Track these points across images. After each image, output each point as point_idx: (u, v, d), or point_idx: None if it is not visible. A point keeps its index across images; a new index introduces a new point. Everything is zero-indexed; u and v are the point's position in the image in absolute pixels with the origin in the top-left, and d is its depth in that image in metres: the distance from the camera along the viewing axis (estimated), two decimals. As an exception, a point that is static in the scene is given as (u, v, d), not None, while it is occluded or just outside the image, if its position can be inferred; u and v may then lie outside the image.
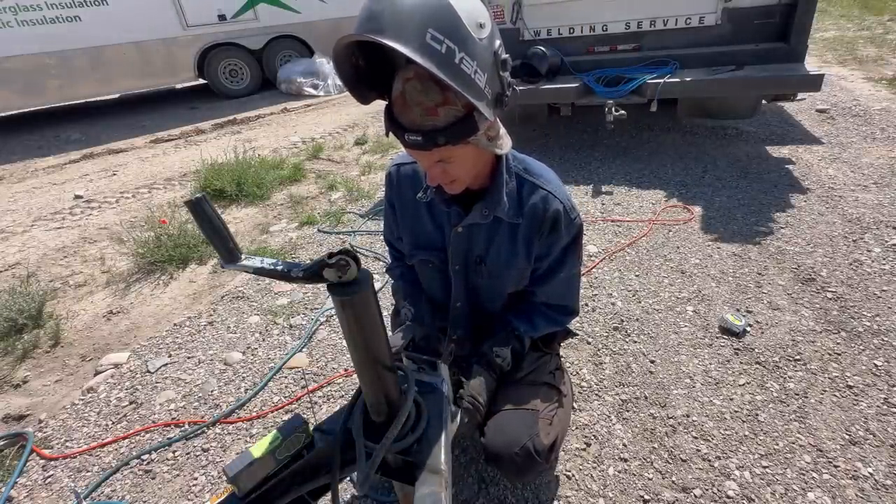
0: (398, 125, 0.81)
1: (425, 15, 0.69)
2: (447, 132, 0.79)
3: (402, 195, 1.17)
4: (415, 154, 0.89)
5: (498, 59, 0.78)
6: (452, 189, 0.99)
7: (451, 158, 0.88)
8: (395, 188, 1.19)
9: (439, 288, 1.24)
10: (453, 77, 0.71)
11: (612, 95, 3.32)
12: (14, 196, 4.30)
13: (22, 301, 2.37)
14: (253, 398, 1.85)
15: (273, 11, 7.44)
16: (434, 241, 1.17)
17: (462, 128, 0.80)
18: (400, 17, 0.68)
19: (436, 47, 0.69)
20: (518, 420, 1.12)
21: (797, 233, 2.57)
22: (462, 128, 0.80)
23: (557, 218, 1.06)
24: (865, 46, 6.56)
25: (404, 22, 0.68)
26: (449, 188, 0.99)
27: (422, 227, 1.17)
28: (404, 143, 0.82)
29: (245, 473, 0.76)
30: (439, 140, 0.80)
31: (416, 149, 0.83)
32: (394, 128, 0.82)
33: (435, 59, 0.69)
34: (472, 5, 0.74)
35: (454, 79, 0.71)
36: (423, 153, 0.85)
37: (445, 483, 0.77)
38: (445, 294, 1.23)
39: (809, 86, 3.05)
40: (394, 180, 1.18)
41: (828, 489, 1.35)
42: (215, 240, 0.70)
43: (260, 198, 3.69)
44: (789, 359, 1.80)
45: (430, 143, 0.80)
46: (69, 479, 1.59)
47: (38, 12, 5.83)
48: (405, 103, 0.79)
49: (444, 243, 1.15)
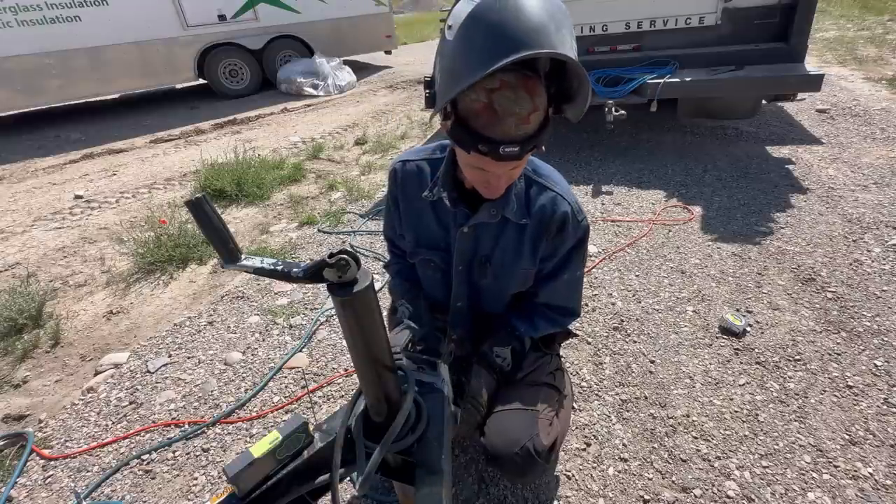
0: (487, 140, 0.77)
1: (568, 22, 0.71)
2: (538, 138, 0.78)
3: (407, 192, 1.16)
4: (496, 165, 0.83)
5: None
6: (498, 193, 0.97)
7: (521, 163, 0.87)
8: (399, 185, 1.17)
9: (440, 287, 1.24)
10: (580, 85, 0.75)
11: (612, 95, 3.32)
12: (14, 196, 4.30)
13: (22, 301, 2.37)
14: (253, 398, 1.85)
15: (273, 11, 7.44)
16: (438, 240, 1.16)
17: (546, 129, 0.80)
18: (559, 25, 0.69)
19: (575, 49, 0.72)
20: (518, 420, 1.12)
21: (797, 233, 2.57)
22: (546, 129, 0.80)
23: (565, 220, 1.06)
24: (865, 46, 6.56)
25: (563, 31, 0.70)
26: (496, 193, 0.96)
27: (426, 225, 1.16)
28: (497, 156, 0.78)
29: (245, 473, 0.76)
30: (535, 146, 0.79)
31: (511, 160, 0.79)
32: (481, 142, 0.77)
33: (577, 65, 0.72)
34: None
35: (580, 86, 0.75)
36: (511, 163, 0.83)
37: (445, 483, 0.77)
38: (446, 294, 1.23)
39: (809, 86, 3.05)
40: (398, 177, 1.16)
41: (828, 489, 1.35)
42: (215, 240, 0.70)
43: (260, 198, 3.69)
44: (789, 359, 1.80)
45: (524, 152, 0.78)
46: (69, 479, 1.59)
47: (38, 12, 5.82)
48: (495, 116, 0.75)
49: (448, 243, 1.14)
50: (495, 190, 0.94)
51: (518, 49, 0.66)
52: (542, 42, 0.67)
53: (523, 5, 0.68)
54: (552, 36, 0.68)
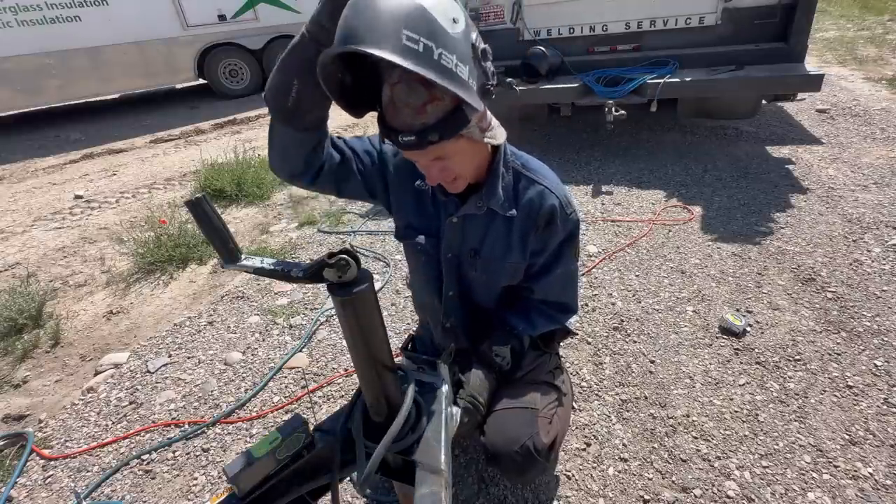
0: (391, 130, 0.82)
1: (398, 19, 0.70)
2: (438, 128, 0.80)
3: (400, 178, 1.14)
4: (411, 155, 0.90)
5: (477, 50, 0.79)
6: (455, 187, 0.99)
7: (447, 155, 0.89)
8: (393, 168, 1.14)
9: (430, 276, 1.23)
10: (435, 72, 0.72)
11: (612, 95, 3.32)
12: (14, 196, 4.30)
13: (22, 301, 2.37)
14: (253, 398, 1.85)
15: (273, 11, 7.44)
16: (430, 226, 1.16)
17: (453, 122, 0.81)
18: (374, 24, 0.70)
19: (413, 47, 0.70)
20: (518, 419, 1.12)
21: (797, 233, 2.57)
22: (453, 122, 0.81)
23: (553, 213, 1.06)
24: (865, 46, 6.56)
25: (379, 28, 0.69)
26: (451, 187, 0.99)
27: (422, 209, 1.16)
28: (399, 145, 0.82)
29: (245, 473, 0.76)
30: (432, 137, 0.80)
31: (411, 149, 0.83)
32: (388, 133, 0.83)
33: (414, 59, 0.70)
34: (444, 3, 0.75)
35: (437, 74, 0.72)
36: (419, 153, 0.85)
37: (445, 483, 0.77)
38: (436, 283, 1.23)
39: (809, 86, 3.05)
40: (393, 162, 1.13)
41: (828, 489, 1.35)
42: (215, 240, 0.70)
43: (260, 198, 3.69)
44: (789, 359, 1.80)
45: (423, 142, 0.80)
46: (69, 479, 1.59)
47: (38, 12, 5.82)
48: (394, 107, 0.80)
49: (439, 229, 1.15)
50: (439, 180, 0.95)
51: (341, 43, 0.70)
52: (348, 40, 0.69)
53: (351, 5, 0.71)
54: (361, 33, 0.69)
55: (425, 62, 0.71)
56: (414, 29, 0.70)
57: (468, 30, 0.77)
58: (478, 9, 3.65)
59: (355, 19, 0.70)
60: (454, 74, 0.75)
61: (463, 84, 0.76)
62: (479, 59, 0.81)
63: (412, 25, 0.70)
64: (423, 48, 0.71)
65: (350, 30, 0.70)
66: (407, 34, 0.70)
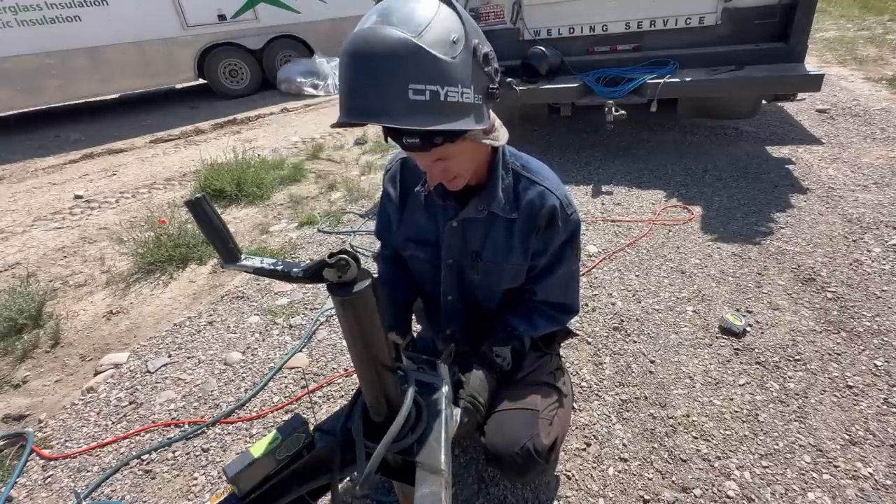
0: (396, 131, 0.81)
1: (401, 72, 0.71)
2: (443, 131, 0.80)
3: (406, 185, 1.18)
4: (414, 156, 0.91)
5: (479, 58, 0.79)
6: (454, 186, 0.99)
7: (450, 156, 0.89)
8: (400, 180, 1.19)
9: (431, 281, 1.24)
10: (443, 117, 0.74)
11: (612, 95, 3.32)
12: (14, 196, 4.30)
13: (22, 301, 2.37)
14: (253, 398, 1.85)
15: (273, 11, 7.44)
16: (427, 234, 1.17)
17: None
18: (380, 87, 0.71)
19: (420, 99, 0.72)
20: (518, 420, 1.12)
21: (797, 233, 2.57)
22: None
23: (554, 213, 1.06)
24: (865, 46, 6.56)
25: (385, 90, 0.71)
26: (451, 185, 0.99)
27: (416, 220, 1.17)
28: (403, 146, 0.83)
29: (245, 473, 0.76)
30: (436, 140, 0.80)
31: (415, 150, 0.83)
32: (391, 133, 0.83)
33: (422, 113, 0.72)
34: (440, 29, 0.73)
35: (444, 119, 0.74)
36: (422, 154, 0.86)
37: (445, 483, 0.77)
38: (437, 287, 1.23)
39: (809, 86, 3.05)
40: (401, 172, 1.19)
41: (828, 489, 1.35)
42: (215, 240, 0.70)
43: (260, 198, 3.69)
44: (789, 359, 1.80)
45: (427, 144, 0.80)
46: (69, 479, 1.58)
47: (38, 12, 5.82)
48: None
49: (438, 237, 1.15)
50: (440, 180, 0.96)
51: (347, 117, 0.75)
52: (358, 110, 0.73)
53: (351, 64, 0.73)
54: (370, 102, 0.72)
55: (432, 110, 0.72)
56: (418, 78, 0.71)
57: (469, 40, 0.77)
58: (478, 9, 3.65)
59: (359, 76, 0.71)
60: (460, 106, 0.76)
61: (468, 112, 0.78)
62: (482, 65, 0.80)
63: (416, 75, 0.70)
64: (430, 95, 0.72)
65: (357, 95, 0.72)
66: (413, 87, 0.70)
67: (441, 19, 0.74)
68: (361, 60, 0.71)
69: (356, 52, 0.72)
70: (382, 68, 0.70)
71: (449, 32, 0.74)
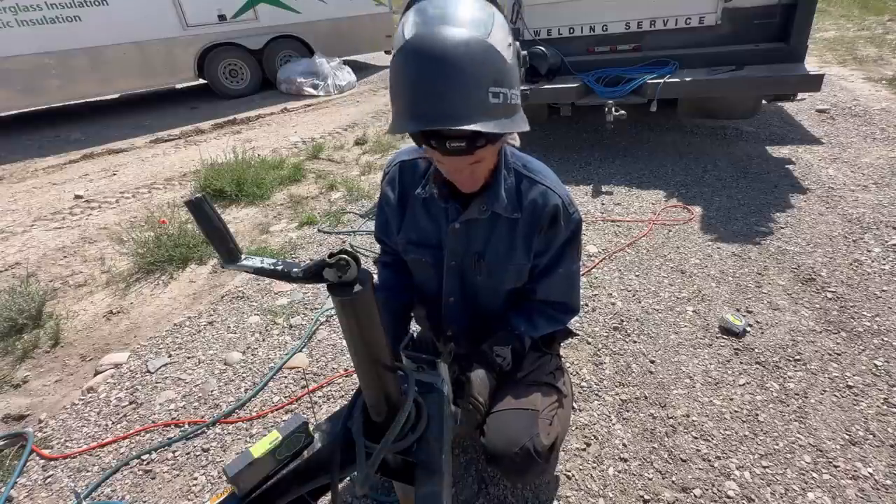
0: (436, 135, 0.79)
1: (483, 74, 0.69)
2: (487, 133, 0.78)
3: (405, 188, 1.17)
4: (452, 160, 0.87)
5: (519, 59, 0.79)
6: (474, 187, 1.00)
7: (484, 158, 0.88)
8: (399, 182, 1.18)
9: (433, 283, 1.24)
10: (508, 120, 0.73)
11: (612, 95, 3.32)
12: (14, 196, 4.30)
13: (22, 301, 2.37)
14: (253, 398, 1.85)
15: (273, 11, 7.42)
16: (429, 237, 1.16)
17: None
18: (463, 90, 0.69)
19: (496, 102, 0.71)
20: (518, 420, 1.12)
21: (797, 233, 2.57)
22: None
23: (556, 213, 1.06)
24: (865, 46, 6.55)
25: (469, 93, 0.69)
26: (470, 187, 1.00)
27: (416, 223, 1.16)
28: (445, 150, 0.80)
29: (245, 473, 0.76)
30: (479, 142, 0.79)
31: (459, 154, 0.81)
32: (432, 138, 0.80)
33: (497, 116, 0.71)
34: (501, 30, 0.72)
35: (508, 122, 0.73)
36: (461, 157, 0.83)
37: (445, 483, 0.77)
38: (439, 289, 1.23)
39: (809, 86, 3.05)
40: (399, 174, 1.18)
41: (828, 489, 1.35)
42: (215, 240, 0.70)
43: (260, 198, 3.69)
44: (789, 359, 1.80)
45: (472, 147, 0.79)
46: (69, 479, 1.58)
47: (38, 12, 5.81)
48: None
49: (440, 239, 1.15)
50: (466, 183, 0.96)
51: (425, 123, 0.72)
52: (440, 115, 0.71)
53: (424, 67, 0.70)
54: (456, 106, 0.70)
55: (502, 112, 0.72)
56: (496, 80, 0.70)
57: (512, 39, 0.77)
58: (478, 9, 3.64)
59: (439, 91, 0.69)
60: (515, 108, 0.76)
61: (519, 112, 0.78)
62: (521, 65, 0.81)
63: (493, 76, 0.70)
64: (503, 98, 0.72)
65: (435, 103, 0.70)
66: (493, 91, 0.70)
67: (499, 19, 0.74)
68: (436, 64, 0.68)
69: (430, 56, 0.68)
70: (466, 71, 0.68)
71: (506, 33, 0.74)
